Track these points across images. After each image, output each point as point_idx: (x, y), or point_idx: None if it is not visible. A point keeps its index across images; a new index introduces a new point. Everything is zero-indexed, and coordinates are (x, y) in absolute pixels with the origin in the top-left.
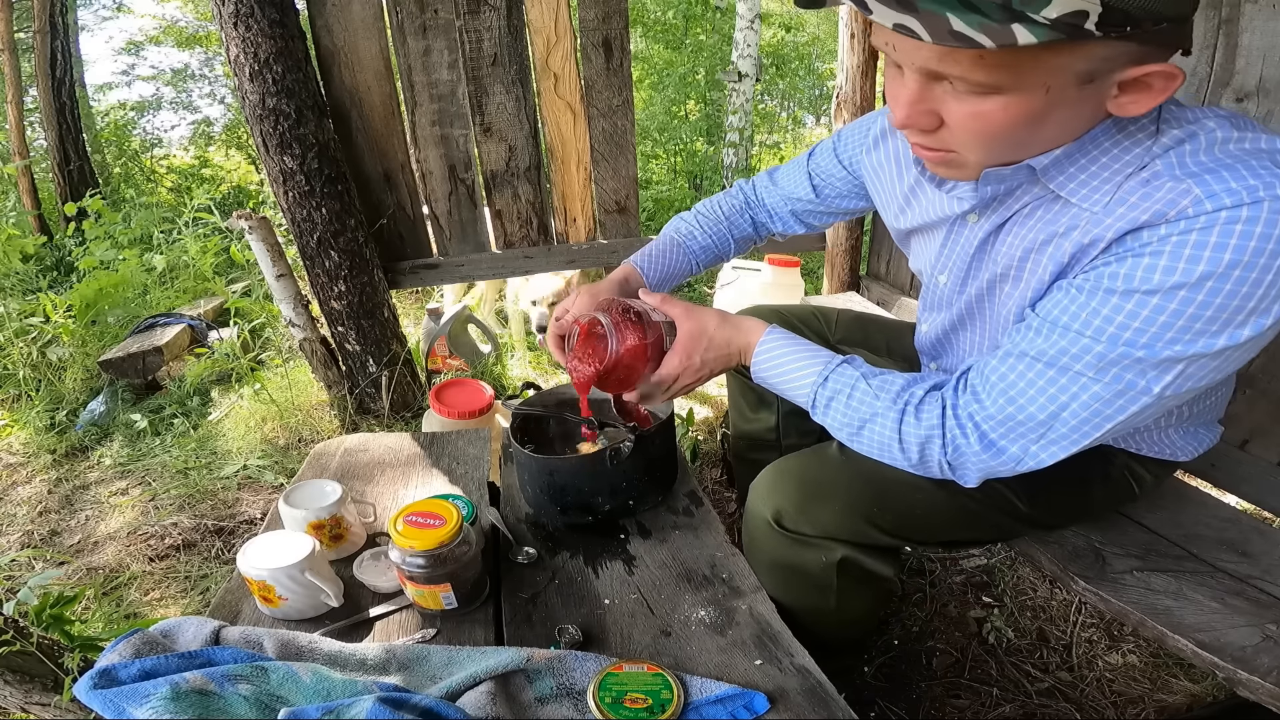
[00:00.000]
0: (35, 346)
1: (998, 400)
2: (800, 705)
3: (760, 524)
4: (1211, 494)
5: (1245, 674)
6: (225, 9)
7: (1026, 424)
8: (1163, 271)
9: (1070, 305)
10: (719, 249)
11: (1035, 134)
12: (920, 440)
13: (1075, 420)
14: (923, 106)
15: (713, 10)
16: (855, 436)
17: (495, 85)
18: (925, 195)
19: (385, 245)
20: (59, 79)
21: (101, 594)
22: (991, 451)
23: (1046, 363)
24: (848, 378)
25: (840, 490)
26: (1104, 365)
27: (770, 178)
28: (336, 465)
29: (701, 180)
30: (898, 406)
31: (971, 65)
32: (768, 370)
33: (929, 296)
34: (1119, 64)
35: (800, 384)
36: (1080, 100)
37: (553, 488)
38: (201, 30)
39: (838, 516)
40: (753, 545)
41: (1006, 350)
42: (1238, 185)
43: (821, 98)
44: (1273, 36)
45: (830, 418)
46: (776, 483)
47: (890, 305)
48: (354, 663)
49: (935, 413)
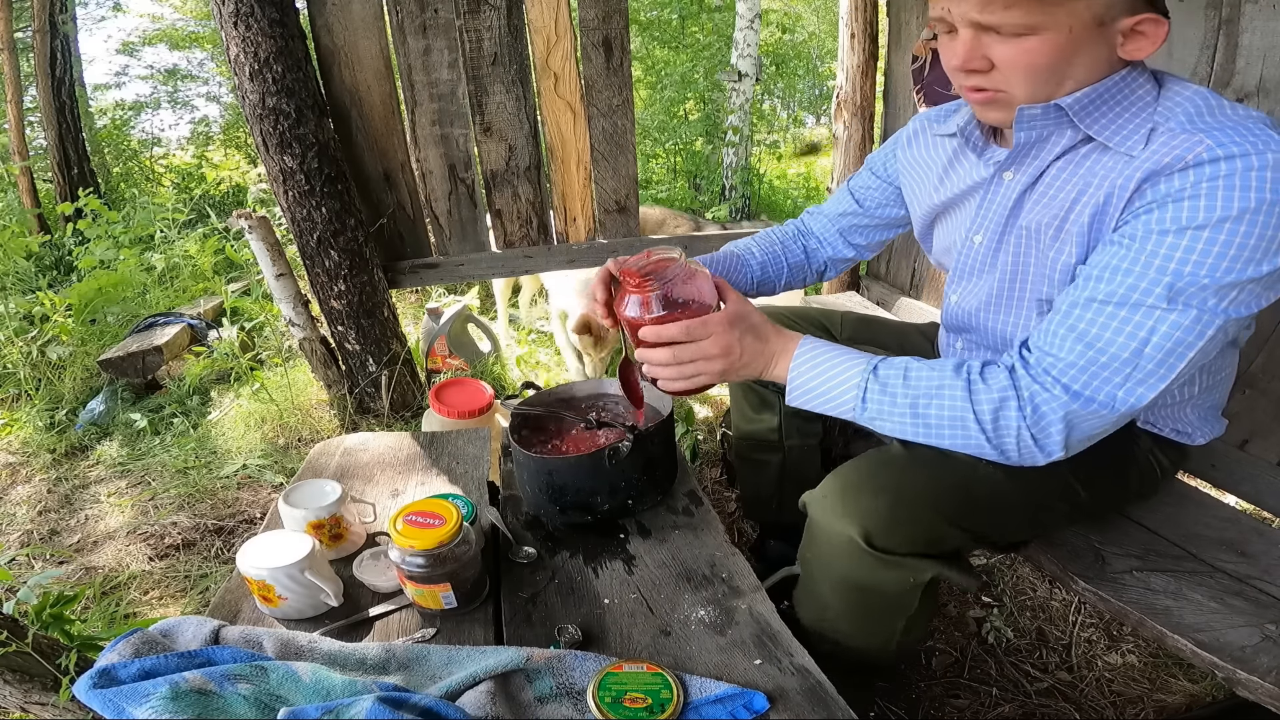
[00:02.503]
0: (35, 345)
1: (1075, 347)
2: (800, 705)
3: (841, 543)
4: (1211, 494)
5: (1244, 674)
6: (225, 8)
7: (1110, 365)
8: (1205, 210)
9: (1127, 252)
10: (774, 269)
11: (1067, 69)
12: (994, 404)
13: (1159, 354)
14: (977, 52)
15: (710, 10)
16: (919, 416)
17: (495, 85)
18: (964, 164)
19: (385, 245)
20: (58, 78)
21: (101, 593)
22: (1081, 401)
23: (1118, 303)
24: (898, 363)
25: (927, 497)
26: (1175, 295)
27: (815, 208)
28: (336, 465)
29: (701, 180)
30: (962, 376)
31: (1004, 11)
32: (809, 371)
33: (962, 263)
34: (1120, 10)
35: (846, 380)
36: (1096, 41)
37: (552, 487)
38: (198, 30)
39: (929, 528)
40: (820, 569)
41: (1069, 303)
42: (1240, 139)
43: (821, 97)
44: (1273, 36)
45: (884, 405)
46: (854, 495)
47: (890, 305)
48: (354, 662)
49: (1002, 376)
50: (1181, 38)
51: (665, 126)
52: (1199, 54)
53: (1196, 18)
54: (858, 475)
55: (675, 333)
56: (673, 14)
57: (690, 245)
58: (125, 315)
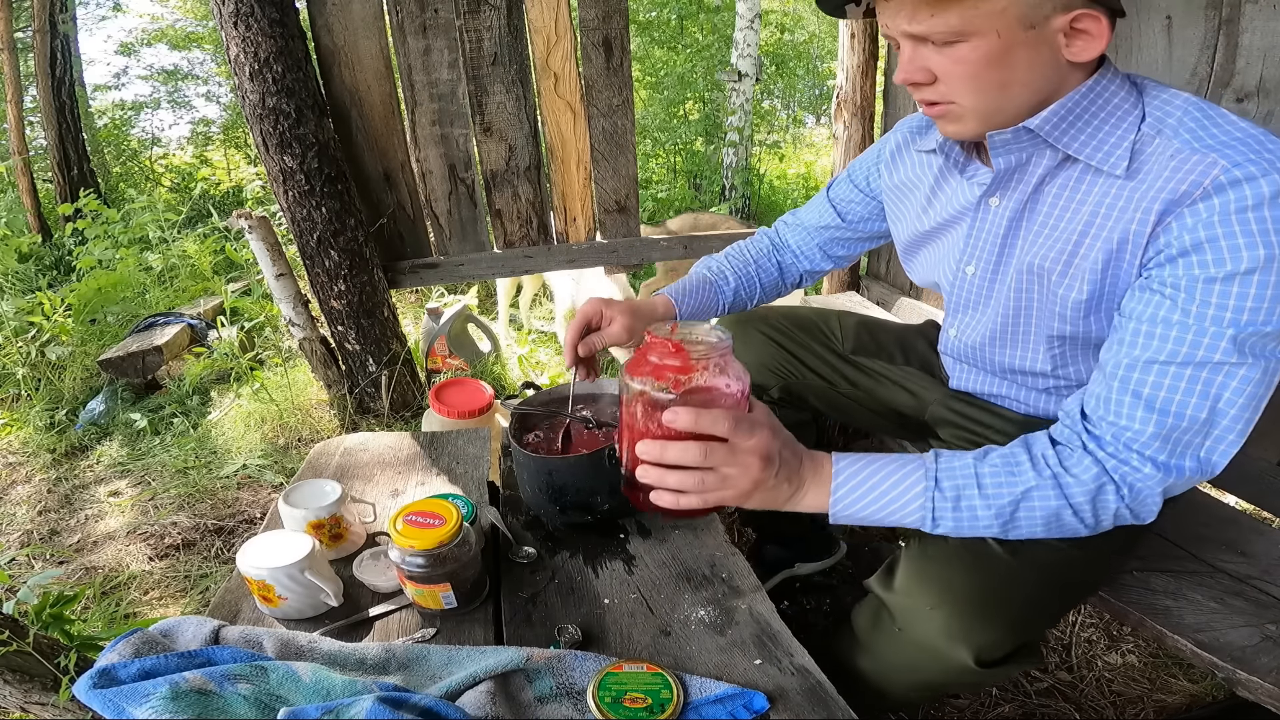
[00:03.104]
0: (35, 346)
1: (1149, 416)
2: (800, 705)
3: (951, 665)
4: (1211, 494)
5: (1244, 674)
6: (225, 8)
7: (1189, 430)
8: (1246, 249)
9: (1174, 305)
10: (747, 291)
11: (1007, 75)
12: (1090, 494)
13: (1234, 410)
14: (915, 65)
15: (709, 10)
16: (1010, 524)
17: (495, 85)
18: (948, 187)
19: (385, 245)
20: (58, 78)
21: (101, 594)
22: (1168, 471)
23: (1181, 362)
24: (960, 467)
25: (1033, 604)
26: (1241, 347)
27: (791, 218)
28: (336, 465)
29: (701, 180)
30: (1045, 474)
31: (929, 19)
32: (858, 496)
33: (958, 296)
34: (1051, 9)
35: (907, 499)
36: (1033, 44)
37: (551, 487)
38: (198, 30)
39: (1028, 630)
40: (905, 667)
41: (1125, 365)
42: (1256, 156)
43: (821, 97)
44: (1273, 36)
45: (965, 519)
46: (970, 621)
47: (890, 305)
48: (354, 662)
49: (1088, 462)
50: (1181, 38)
51: (665, 126)
52: (1199, 54)
53: (1196, 18)
54: (969, 597)
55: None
56: (671, 14)
57: (690, 245)
58: (125, 315)
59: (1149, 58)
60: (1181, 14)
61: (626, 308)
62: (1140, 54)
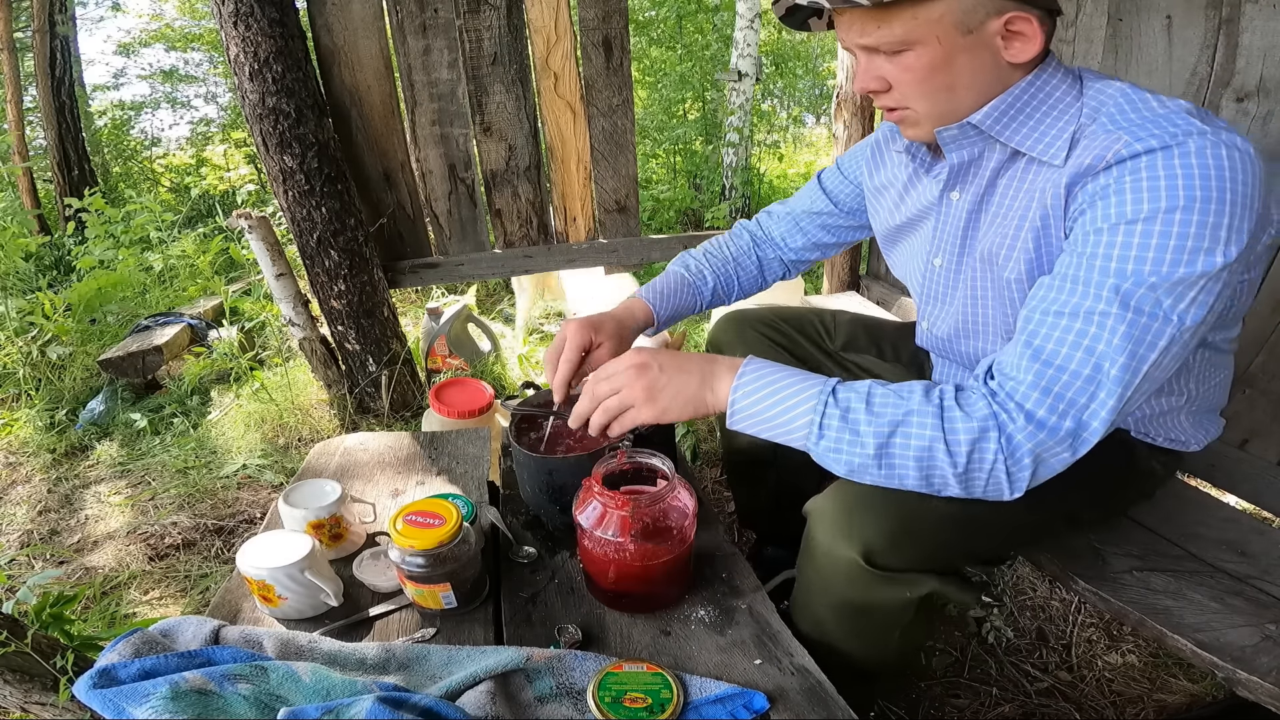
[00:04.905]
0: (35, 345)
1: (1032, 367)
2: (800, 705)
3: (841, 564)
4: (1211, 494)
5: (1244, 674)
6: (225, 8)
7: (1071, 384)
8: (1132, 203)
9: (1069, 259)
10: (725, 289)
11: (953, 79)
12: (972, 435)
13: (1115, 367)
14: (870, 74)
15: (708, 10)
16: (884, 451)
17: (495, 84)
18: (919, 185)
19: (385, 244)
20: (58, 78)
21: (101, 593)
22: (1040, 427)
23: (1068, 312)
24: (859, 387)
25: (930, 517)
26: (1124, 299)
27: (778, 208)
28: (336, 464)
29: (701, 180)
30: (932, 403)
31: (876, 30)
32: (759, 387)
33: (927, 288)
34: (985, 14)
35: (799, 404)
36: (973, 48)
37: (552, 487)
38: (197, 30)
39: (930, 548)
40: (819, 587)
41: (1023, 319)
42: (1159, 131)
43: (821, 97)
44: (1273, 36)
45: (846, 436)
46: (858, 514)
47: (890, 305)
48: (353, 662)
49: (983, 404)
50: (1181, 38)
51: (665, 126)
52: (1199, 54)
53: (1196, 17)
54: (863, 491)
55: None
56: (670, 13)
57: (690, 245)
58: (125, 315)
59: (1149, 58)
60: (1181, 14)
61: (612, 328)
62: (1140, 54)
